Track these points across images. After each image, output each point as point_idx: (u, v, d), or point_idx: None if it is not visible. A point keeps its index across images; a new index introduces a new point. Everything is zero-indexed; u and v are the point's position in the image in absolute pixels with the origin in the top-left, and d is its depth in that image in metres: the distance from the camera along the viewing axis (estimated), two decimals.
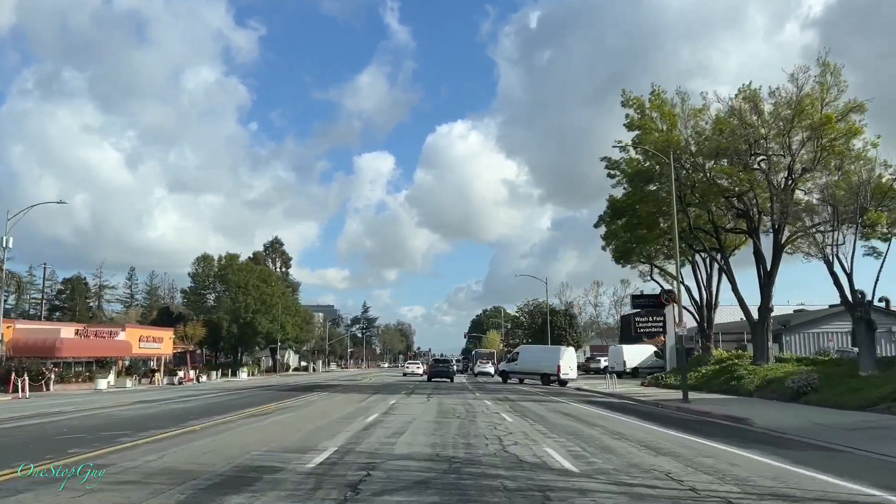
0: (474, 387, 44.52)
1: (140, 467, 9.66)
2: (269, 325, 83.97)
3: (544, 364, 50.05)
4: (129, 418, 18.75)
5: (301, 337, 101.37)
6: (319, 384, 43.56)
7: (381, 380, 55.30)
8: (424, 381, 52.15)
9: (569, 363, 49.72)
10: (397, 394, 32.09)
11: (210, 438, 13.48)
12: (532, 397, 32.08)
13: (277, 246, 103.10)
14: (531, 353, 55.15)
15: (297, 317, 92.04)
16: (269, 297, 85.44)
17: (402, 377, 62.71)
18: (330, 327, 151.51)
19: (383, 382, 48.64)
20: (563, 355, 49.70)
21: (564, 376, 47.91)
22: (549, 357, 50.82)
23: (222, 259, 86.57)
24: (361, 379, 57.89)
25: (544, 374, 49.62)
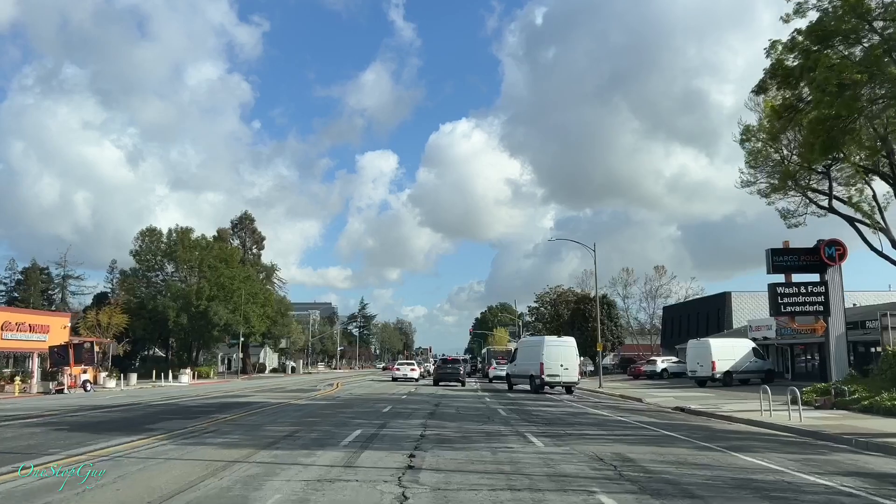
0: (497, 400, 28.05)
1: None
2: (229, 316, 66.82)
3: (531, 363, 37.23)
4: None
5: (275, 332, 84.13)
6: (228, 401, 25.46)
7: (353, 390, 35.98)
8: (420, 391, 35.24)
9: (561, 360, 35.78)
10: (333, 445, 12.52)
11: None
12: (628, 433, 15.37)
13: (248, 223, 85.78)
14: (525, 348, 40.40)
15: (266, 307, 74.67)
16: (230, 282, 68.32)
17: (391, 382, 45.88)
18: (326, 325, 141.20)
19: (350, 395, 29.90)
20: (546, 349, 35.92)
21: (553, 378, 35.81)
22: (533, 352, 37.43)
23: (173, 233, 69.23)
24: (320, 389, 35.85)
25: (530, 376, 37.21)
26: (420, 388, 36.46)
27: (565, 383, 36.17)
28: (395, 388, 37.56)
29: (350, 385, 39.69)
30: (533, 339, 42.62)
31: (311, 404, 22.89)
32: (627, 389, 37.73)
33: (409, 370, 47.24)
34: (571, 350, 37.06)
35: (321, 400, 25.97)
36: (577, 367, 37.14)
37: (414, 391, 34.29)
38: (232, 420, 17.65)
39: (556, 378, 35.80)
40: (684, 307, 73.49)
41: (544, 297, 77.66)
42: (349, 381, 47.86)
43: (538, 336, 43.17)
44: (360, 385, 40.56)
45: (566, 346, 37.15)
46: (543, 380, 35.57)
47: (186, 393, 33.07)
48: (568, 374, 36.07)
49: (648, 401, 28.34)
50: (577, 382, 36.75)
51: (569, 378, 36.13)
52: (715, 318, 63.03)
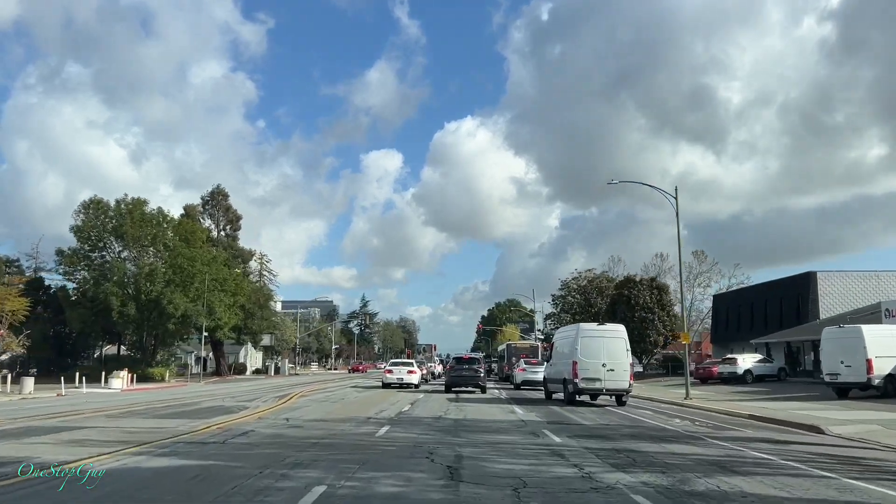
0: (559, 429, 15.12)
1: None
2: (188, 306, 54.15)
3: (564, 362, 26.54)
4: None
5: (253, 327, 71.45)
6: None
7: (309, 408, 20.89)
8: (418, 408, 21.76)
9: (603, 356, 24.63)
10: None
11: None
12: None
13: (220, 199, 73.15)
14: (559, 341, 29.22)
15: (237, 296, 61.93)
16: (189, 264, 55.66)
17: (381, 389, 32.97)
18: (325, 323, 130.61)
19: (283, 425, 15.08)
20: (581, 342, 24.89)
21: (591, 383, 24.79)
22: (566, 348, 26.89)
23: (122, 206, 56.50)
24: (249, 408, 20.61)
25: (563, 380, 26.49)
26: (420, 403, 23.57)
27: (611, 390, 24.92)
28: (380, 400, 24.34)
29: (315, 396, 26.29)
30: (567, 329, 29.85)
31: (122, 469, 9.46)
32: (740, 404, 24.97)
33: (405, 373, 34.24)
34: (618, 342, 25.16)
35: (190, 442, 12.20)
36: (628, 367, 25.11)
37: (408, 409, 20.60)
38: None
39: (595, 384, 24.61)
40: (743, 295, 60.40)
41: (571, 284, 64.77)
42: (323, 389, 34.83)
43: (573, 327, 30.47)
44: (331, 396, 26.60)
45: (611, 336, 25.34)
46: (577, 385, 24.56)
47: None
48: (614, 378, 24.43)
49: (835, 430, 15.50)
50: (628, 389, 25.00)
51: (616, 382, 24.57)
52: (793, 306, 50.11)
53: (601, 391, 25.26)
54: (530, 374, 35.09)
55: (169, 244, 56.95)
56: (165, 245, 57.22)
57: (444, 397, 27.60)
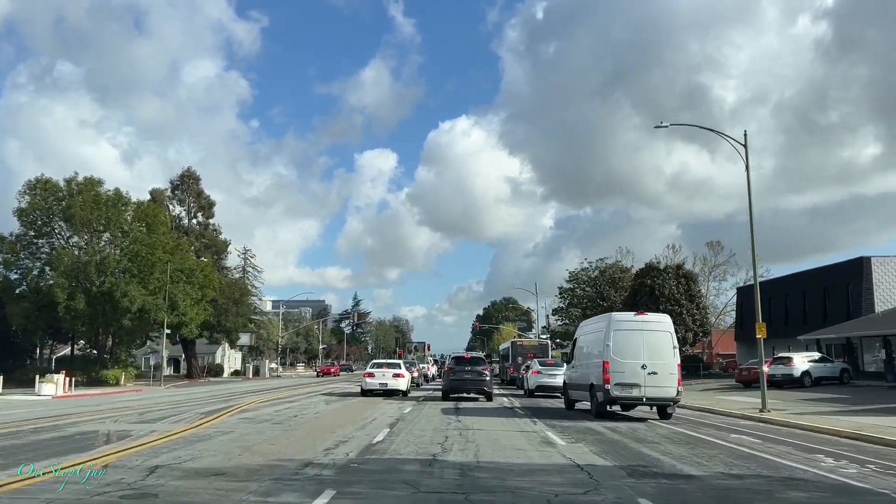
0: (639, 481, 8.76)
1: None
2: (147, 300, 47.22)
3: (591, 363, 20.94)
4: None
5: (227, 324, 64.44)
6: None
7: (228, 434, 13.36)
8: (401, 431, 14.68)
9: (642, 355, 18.93)
10: None
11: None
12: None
13: (191, 182, 66.02)
14: (584, 336, 22.89)
15: (207, 289, 54.98)
16: (149, 252, 48.78)
17: (358, 398, 25.93)
18: (319, 324, 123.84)
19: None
20: (614, 337, 19.15)
21: (628, 390, 18.90)
22: (593, 345, 21.15)
23: (73, 185, 49.49)
24: (142, 426, 14.57)
25: (589, 385, 20.81)
26: (406, 422, 16.17)
27: (654, 399, 18.96)
28: (348, 419, 16.79)
29: (260, 412, 18.18)
30: (595, 321, 22.99)
31: None
32: (843, 419, 18.30)
33: (390, 377, 26.90)
34: (663, 337, 19.27)
35: None
36: (675, 369, 18.98)
37: (384, 439, 12.75)
38: None
39: (632, 391, 18.68)
40: (776, 286, 53.67)
41: (580, 276, 57.99)
42: (283, 399, 27.46)
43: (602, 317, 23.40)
44: (281, 413, 18.28)
45: (653, 328, 19.46)
46: (609, 393, 18.80)
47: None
48: (658, 384, 18.65)
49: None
50: (676, 399, 19.05)
51: (659, 390, 18.70)
52: (841, 297, 43.49)
53: (640, 400, 19.14)
54: (547, 377, 28.21)
55: (126, 229, 50.00)
56: (123, 231, 50.30)
57: (440, 409, 20.91)
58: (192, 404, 23.20)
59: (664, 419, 19.44)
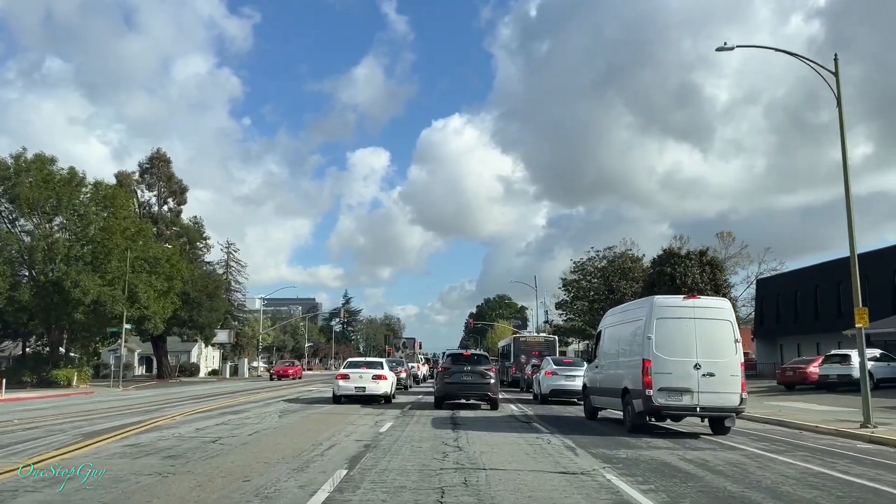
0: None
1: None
2: (103, 291, 41.88)
3: (625, 361, 15.95)
4: None
5: (200, 320, 59.06)
6: None
7: (118, 463, 8.90)
8: (375, 458, 9.95)
9: (695, 351, 14.16)
10: None
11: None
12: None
13: (161, 165, 60.57)
14: (615, 328, 17.46)
15: (175, 280, 49.55)
16: (106, 238, 43.51)
17: (327, 406, 20.60)
18: (305, 321, 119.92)
19: None
20: (657, 327, 14.33)
21: (678, 395, 13.87)
22: (629, 337, 15.96)
23: (21, 163, 43.98)
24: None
25: (623, 390, 15.60)
26: (382, 447, 10.58)
27: (710, 409, 14.47)
28: (293, 445, 10.91)
29: (177, 429, 12.66)
30: (628, 307, 17.98)
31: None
32: None
33: (369, 378, 21.13)
34: (721, 327, 14.77)
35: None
36: (738, 370, 14.55)
37: (332, 491, 7.13)
38: None
39: (682, 398, 14.27)
40: (801, 277, 48.74)
41: (587, 266, 52.85)
42: (233, 406, 21.90)
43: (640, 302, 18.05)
44: (213, 427, 13.87)
45: (709, 315, 14.91)
46: (651, 401, 14.29)
47: None
48: (716, 388, 14.30)
49: None
50: (739, 409, 14.60)
51: (718, 396, 14.34)
52: (888, 287, 38.49)
53: (692, 411, 14.48)
54: (563, 380, 22.95)
55: (81, 212, 44.56)
56: (78, 214, 44.85)
57: (432, 422, 15.84)
58: (105, 415, 17.90)
59: (720, 434, 14.87)
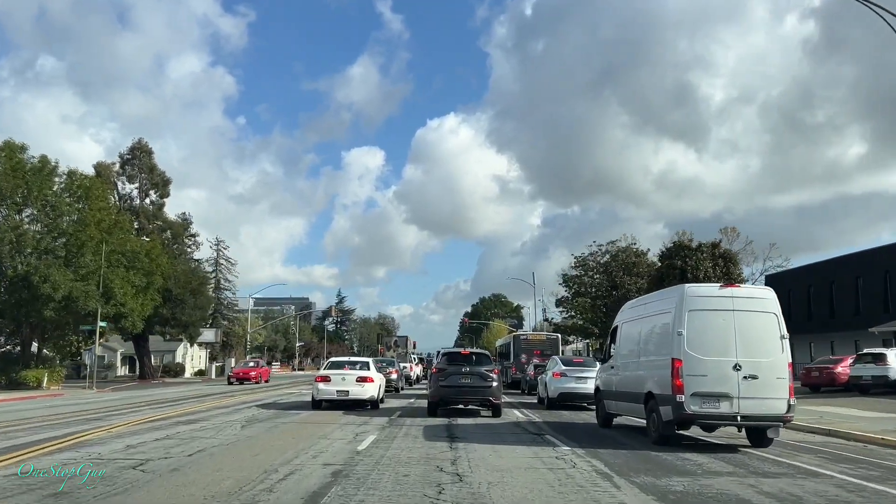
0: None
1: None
2: (75, 286, 39.20)
3: (650, 361, 13.35)
4: None
5: (183, 318, 56.40)
6: None
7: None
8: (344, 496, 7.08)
9: (734, 349, 11.85)
10: None
11: None
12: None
13: (143, 156, 57.85)
14: (636, 323, 14.79)
15: (155, 275, 46.87)
16: (79, 230, 40.92)
17: (307, 412, 18.34)
18: (300, 321, 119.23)
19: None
20: (689, 319, 11.96)
21: (715, 402, 11.48)
22: (655, 331, 13.46)
23: None
24: None
25: (646, 395, 12.92)
26: (356, 473, 8.26)
27: (753, 418, 12.06)
28: (244, 471, 8.54)
29: (104, 447, 9.95)
30: (652, 298, 15.32)
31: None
32: None
33: (353, 381, 18.11)
34: (765, 320, 12.42)
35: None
36: (786, 371, 12.16)
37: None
38: None
39: (719, 404, 11.94)
40: (817, 273, 46.36)
41: (588, 261, 50.31)
42: (188, 416, 18.87)
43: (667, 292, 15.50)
44: (151, 443, 11.26)
45: (749, 307, 12.48)
46: (682, 408, 11.90)
47: None
48: (759, 393, 11.92)
49: None
50: (786, 417, 12.08)
51: (761, 403, 11.97)
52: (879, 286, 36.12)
53: (732, 420, 12.13)
54: (573, 382, 20.28)
55: (53, 202, 41.82)
56: (50, 205, 42.10)
57: (424, 435, 13.35)
58: (42, 424, 15.24)
59: (760, 447, 12.52)
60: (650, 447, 12.35)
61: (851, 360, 26.87)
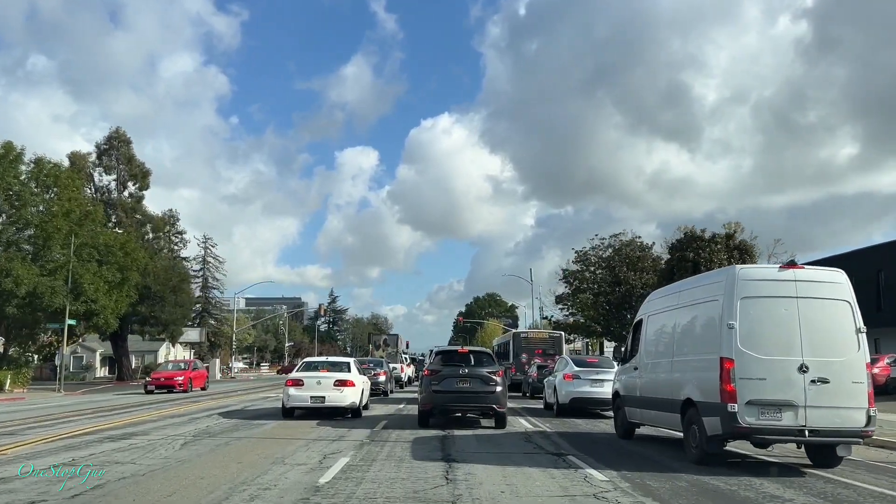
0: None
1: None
2: (41, 282, 36.50)
3: (687, 361, 10.69)
4: None
5: (163, 317, 53.52)
6: None
7: None
8: None
9: (801, 352, 9.20)
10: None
11: None
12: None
13: (120, 146, 54.93)
14: (666, 314, 12.28)
15: (131, 271, 43.97)
16: (48, 222, 38.14)
17: (276, 423, 15.57)
18: (291, 321, 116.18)
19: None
20: (741, 307, 9.59)
21: (769, 416, 9.07)
22: (693, 321, 10.91)
23: None
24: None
25: (684, 403, 10.24)
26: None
27: (824, 433, 9.52)
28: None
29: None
30: (690, 284, 12.37)
31: None
32: None
33: (330, 385, 15.10)
34: (837, 309, 10.04)
35: None
36: (862, 372, 9.75)
37: None
38: None
39: (781, 416, 9.54)
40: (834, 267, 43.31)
41: (590, 256, 47.65)
42: (149, 420, 16.26)
43: (711, 276, 12.89)
44: (31, 481, 7.77)
45: (817, 294, 10.05)
46: (735, 420, 9.42)
47: None
48: (831, 401, 9.50)
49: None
50: (867, 432, 9.69)
51: (835, 414, 9.54)
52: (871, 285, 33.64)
53: (797, 434, 9.76)
54: (588, 385, 17.50)
55: (17, 191, 38.95)
56: (16, 194, 39.22)
57: (413, 453, 10.86)
58: None
59: (826, 467, 10.21)
60: (695, 469, 9.90)
61: (890, 360, 24.19)
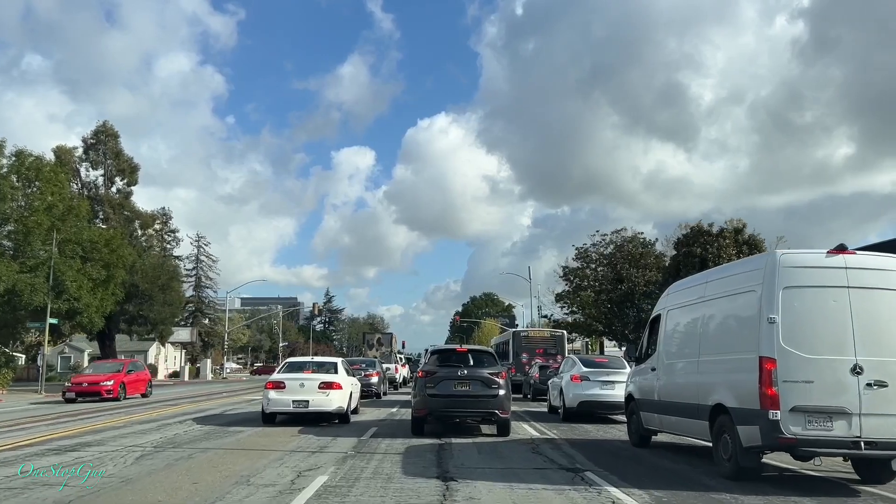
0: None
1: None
2: (20, 279, 34.99)
3: (722, 358, 9.20)
4: None
5: (151, 316, 52.00)
6: None
7: None
8: None
9: (854, 351, 7.74)
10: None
11: None
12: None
13: (108, 140, 53.32)
14: (690, 309, 10.79)
15: (117, 268, 42.40)
16: (27, 217, 36.64)
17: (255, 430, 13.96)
18: (286, 321, 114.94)
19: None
20: (786, 300, 8.04)
21: (818, 426, 7.78)
22: (727, 324, 9.43)
23: None
24: None
25: (712, 408, 9.00)
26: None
27: (880, 445, 8.11)
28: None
29: None
30: (722, 272, 10.96)
31: None
32: None
33: (315, 388, 13.55)
34: (894, 301, 8.65)
35: None
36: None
37: None
38: None
39: (832, 425, 8.11)
40: None
41: (591, 252, 46.22)
42: (108, 428, 14.66)
43: (746, 263, 11.56)
44: None
45: (870, 283, 8.65)
46: (780, 429, 8.11)
47: None
48: (888, 408, 8.15)
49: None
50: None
51: (893, 423, 8.16)
52: None
53: (851, 447, 8.30)
54: (598, 388, 15.98)
55: None
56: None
57: (403, 468, 9.49)
58: None
59: (877, 483, 9.02)
60: (733, 486, 8.56)
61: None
